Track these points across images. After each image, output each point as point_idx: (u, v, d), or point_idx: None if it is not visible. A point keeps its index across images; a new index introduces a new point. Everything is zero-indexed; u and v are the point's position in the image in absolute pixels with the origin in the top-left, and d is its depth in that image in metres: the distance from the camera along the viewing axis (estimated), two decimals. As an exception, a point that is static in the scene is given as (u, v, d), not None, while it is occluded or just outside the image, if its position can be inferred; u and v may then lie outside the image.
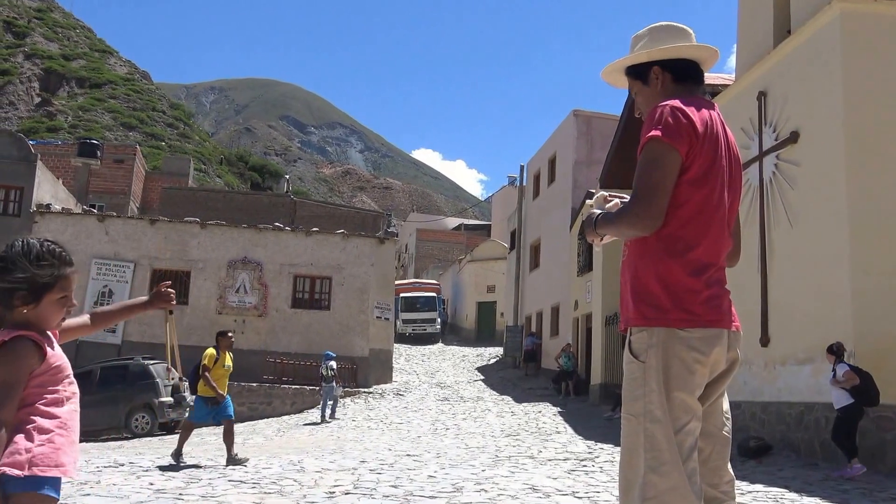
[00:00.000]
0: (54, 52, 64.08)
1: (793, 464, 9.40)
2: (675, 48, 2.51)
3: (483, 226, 57.96)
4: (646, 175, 2.28)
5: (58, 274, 2.01)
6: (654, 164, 2.28)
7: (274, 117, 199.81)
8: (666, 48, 2.51)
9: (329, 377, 17.53)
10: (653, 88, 2.52)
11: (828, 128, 9.88)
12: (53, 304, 2.02)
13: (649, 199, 2.26)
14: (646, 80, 2.54)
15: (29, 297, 1.97)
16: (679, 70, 2.51)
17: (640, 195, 2.28)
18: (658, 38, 2.53)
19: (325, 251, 24.12)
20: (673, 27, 2.57)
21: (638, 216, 2.27)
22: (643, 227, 2.29)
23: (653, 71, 2.52)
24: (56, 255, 2.02)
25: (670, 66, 2.51)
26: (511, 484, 6.96)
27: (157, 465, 8.52)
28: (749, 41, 12.41)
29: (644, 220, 2.27)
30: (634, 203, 2.29)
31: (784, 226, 10.68)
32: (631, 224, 2.30)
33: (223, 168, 68.45)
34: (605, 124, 23.88)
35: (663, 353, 2.27)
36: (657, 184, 2.27)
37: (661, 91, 2.50)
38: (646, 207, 2.26)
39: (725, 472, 2.43)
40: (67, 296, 2.04)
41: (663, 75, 2.51)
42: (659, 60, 2.51)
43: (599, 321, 19.54)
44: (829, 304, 9.59)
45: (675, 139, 2.28)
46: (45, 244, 2.03)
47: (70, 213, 24.39)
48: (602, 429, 13.92)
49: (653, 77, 2.52)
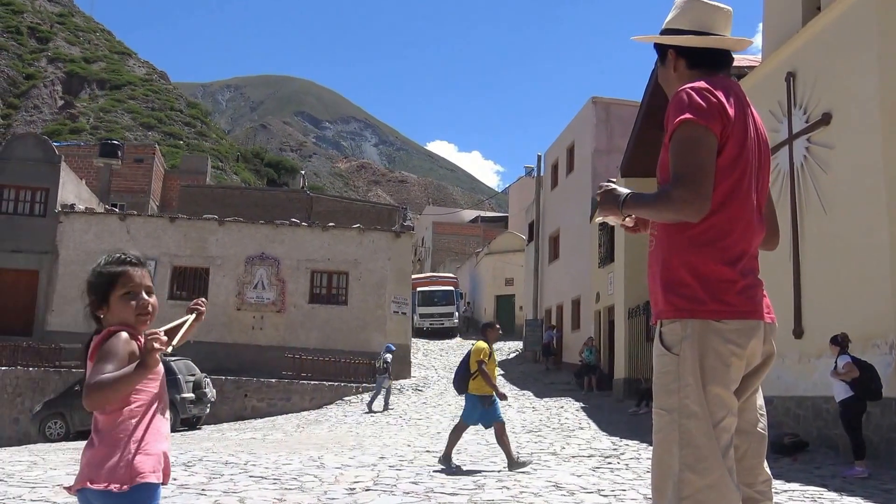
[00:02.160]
0: (76, 55, 65.57)
1: (831, 461, 9.10)
2: (695, 39, 2.42)
3: (500, 218, 57.61)
4: (689, 156, 2.17)
5: (114, 272, 2.16)
6: (695, 145, 2.19)
7: (289, 113, 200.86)
8: (687, 37, 2.43)
9: (383, 369, 18.24)
10: (668, 69, 2.49)
11: (863, 108, 9.50)
12: (120, 301, 2.14)
13: (698, 181, 2.14)
14: (663, 59, 2.51)
15: (98, 301, 2.15)
16: (696, 57, 2.44)
17: (686, 178, 2.15)
18: (687, 15, 2.44)
19: (342, 246, 24.06)
20: (708, 5, 2.45)
21: (687, 201, 2.14)
22: (693, 213, 2.16)
23: (669, 53, 2.48)
24: (115, 258, 2.20)
25: (686, 53, 2.44)
26: (533, 481, 6.86)
27: (180, 460, 8.39)
28: (776, 19, 12.02)
29: (693, 205, 2.14)
30: (681, 186, 2.15)
31: (817, 212, 10.32)
32: (678, 209, 2.16)
33: (240, 165, 69.05)
34: (625, 111, 23.46)
35: (699, 345, 2.19)
36: (703, 165, 2.17)
37: (678, 74, 2.46)
38: (695, 191, 2.14)
39: (761, 471, 2.35)
40: (131, 291, 2.15)
41: (677, 61, 2.46)
42: (675, 45, 2.46)
43: (622, 314, 19.21)
44: (866, 294, 9.23)
45: (710, 121, 2.20)
46: (112, 254, 2.22)
47: (93, 213, 24.83)
48: (627, 425, 13.66)
49: (669, 58, 2.48)
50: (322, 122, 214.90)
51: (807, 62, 10.85)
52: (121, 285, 2.15)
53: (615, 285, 20.03)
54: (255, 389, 20.79)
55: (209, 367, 20.25)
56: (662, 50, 2.50)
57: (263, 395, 20.66)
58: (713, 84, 2.28)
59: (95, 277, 2.17)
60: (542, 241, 29.64)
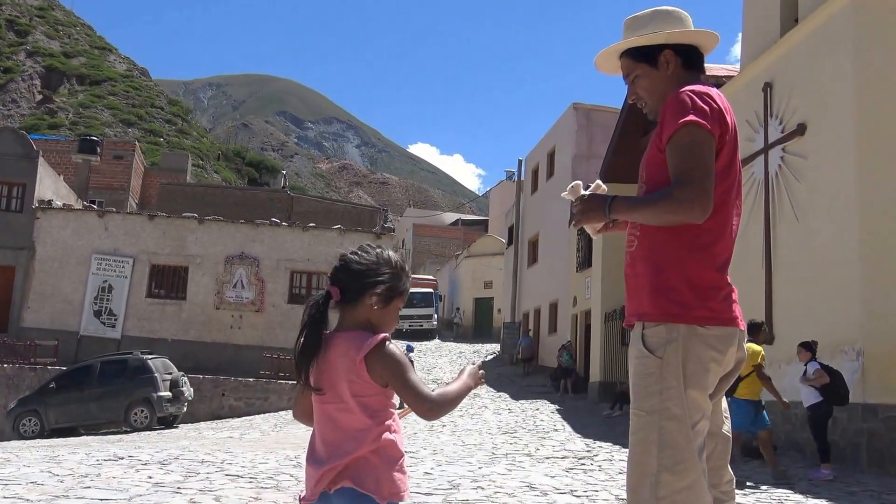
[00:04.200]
0: (55, 49, 64.81)
1: (799, 464, 9.26)
2: (689, 33, 2.44)
3: (480, 221, 57.80)
4: (694, 158, 2.17)
5: (407, 285, 2.08)
6: (699, 147, 2.18)
7: (271, 113, 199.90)
8: (683, 31, 2.43)
9: None
10: (662, 72, 2.43)
11: (837, 120, 9.70)
12: (395, 312, 2.06)
13: (702, 182, 2.15)
14: (654, 63, 2.43)
15: (384, 295, 2.02)
16: (688, 56, 2.44)
17: (690, 179, 2.14)
18: (667, 22, 2.44)
19: (322, 247, 24.04)
20: (678, 12, 2.48)
21: (692, 202, 2.13)
22: (696, 214, 2.15)
23: (664, 54, 2.42)
24: (406, 268, 2.11)
25: (682, 52, 2.43)
26: (508, 482, 6.90)
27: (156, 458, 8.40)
28: (755, 30, 12.24)
29: (697, 206, 2.14)
30: (684, 187, 2.14)
31: (790, 221, 10.52)
32: (685, 210, 2.15)
33: (221, 164, 68.61)
34: (606, 117, 23.67)
35: (683, 349, 2.20)
36: (707, 167, 2.17)
37: (671, 76, 2.41)
38: (699, 192, 2.13)
39: (726, 472, 2.40)
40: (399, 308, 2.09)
41: (675, 59, 2.42)
42: (672, 44, 2.43)
43: (599, 318, 19.39)
44: (837, 302, 9.42)
45: (712, 125, 2.22)
46: (400, 256, 2.12)
47: (71, 209, 24.60)
48: (601, 427, 13.81)
49: (663, 60, 2.42)
50: (304, 123, 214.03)
51: (783, 73, 11.05)
52: (402, 299, 2.08)
53: (592, 290, 20.22)
54: (232, 388, 20.72)
55: (187, 365, 20.17)
56: (653, 54, 2.43)
57: (241, 394, 20.61)
58: (711, 90, 2.30)
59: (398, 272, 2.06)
60: (522, 245, 29.80)
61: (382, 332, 1.97)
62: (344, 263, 2.05)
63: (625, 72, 2.51)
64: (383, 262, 2.05)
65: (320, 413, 2.00)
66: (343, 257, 2.07)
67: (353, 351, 1.93)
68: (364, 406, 1.94)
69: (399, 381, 1.93)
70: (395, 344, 1.97)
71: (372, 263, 2.03)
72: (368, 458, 1.92)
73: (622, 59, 2.51)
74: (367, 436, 1.93)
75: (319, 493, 1.95)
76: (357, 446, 1.92)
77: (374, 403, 1.95)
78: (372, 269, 2.02)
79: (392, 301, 2.03)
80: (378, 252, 2.07)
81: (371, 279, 2.01)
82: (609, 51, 2.53)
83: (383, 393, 1.96)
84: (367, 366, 1.92)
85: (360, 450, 1.92)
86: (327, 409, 1.98)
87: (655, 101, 2.44)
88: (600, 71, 2.62)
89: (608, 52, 2.53)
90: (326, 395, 1.97)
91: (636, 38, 2.45)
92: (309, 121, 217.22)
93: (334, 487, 1.91)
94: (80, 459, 7.49)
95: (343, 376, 1.94)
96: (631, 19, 2.51)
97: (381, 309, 2.01)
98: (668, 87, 2.39)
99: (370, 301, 2.00)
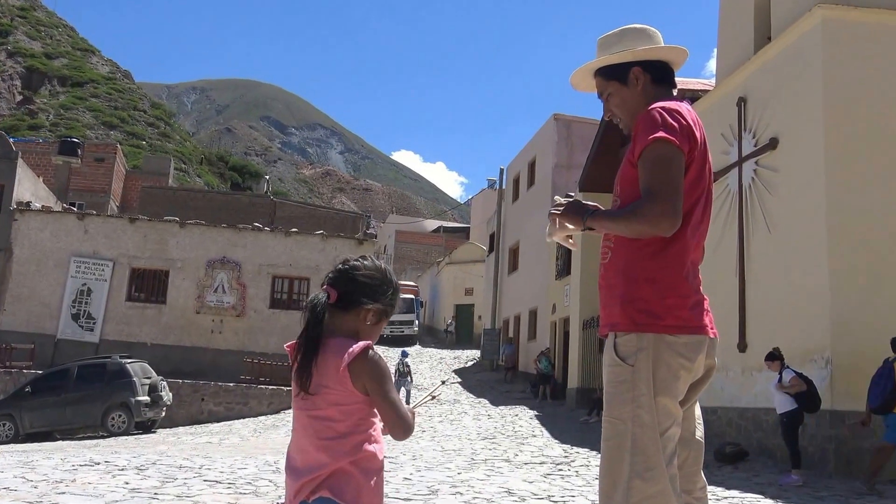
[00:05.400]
0: (37, 50, 64.10)
1: (769, 470, 9.43)
2: (656, 49, 2.50)
3: (462, 228, 57.92)
4: (663, 174, 2.24)
5: (395, 302, 2.09)
6: (669, 163, 2.25)
7: (255, 118, 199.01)
8: (650, 48, 2.49)
9: (404, 372, 19.63)
10: (632, 89, 2.49)
11: (807, 134, 9.95)
12: (381, 328, 2.09)
13: (672, 197, 2.21)
14: (624, 80, 2.50)
15: (380, 313, 2.05)
16: (658, 71, 2.50)
17: (661, 194, 2.21)
18: (636, 40, 2.51)
19: (304, 252, 24.02)
20: (647, 29, 2.55)
21: (659, 215, 2.20)
22: (666, 227, 2.22)
23: (633, 72, 2.48)
24: (399, 289, 2.12)
25: (651, 68, 2.49)
26: (487, 487, 6.93)
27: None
28: (729, 47, 12.51)
29: (665, 220, 2.21)
30: (655, 201, 2.21)
31: (762, 231, 10.75)
32: (653, 223, 2.21)
33: (203, 168, 68.17)
34: (585, 128, 23.96)
35: (653, 357, 2.25)
36: (676, 183, 2.24)
37: (642, 92, 2.48)
38: (670, 206, 2.21)
39: (699, 478, 2.43)
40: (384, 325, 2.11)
41: (644, 76, 2.48)
42: (641, 61, 2.49)
43: (577, 325, 19.58)
44: (806, 310, 9.65)
45: (681, 141, 2.27)
46: (392, 273, 2.12)
47: (50, 211, 24.36)
48: (578, 433, 13.95)
49: (633, 77, 2.49)
50: (288, 128, 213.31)
51: (757, 88, 11.30)
52: (388, 317, 2.08)
53: (571, 297, 20.42)
54: (212, 393, 20.62)
55: (166, 370, 20.06)
56: (623, 71, 2.49)
57: (221, 399, 20.50)
58: (680, 106, 2.35)
59: (395, 293, 2.07)
60: (502, 253, 29.97)
61: (365, 341, 1.97)
62: (351, 271, 2.02)
63: (598, 90, 2.59)
64: (387, 281, 2.05)
65: (300, 420, 1.98)
66: (350, 264, 2.05)
67: (338, 358, 1.91)
68: (346, 414, 1.93)
69: (379, 391, 1.93)
70: (379, 352, 2.00)
71: (378, 280, 2.03)
72: (347, 469, 1.91)
73: (595, 77, 2.58)
74: (346, 445, 1.91)
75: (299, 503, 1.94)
76: (336, 456, 1.90)
77: (355, 412, 1.94)
78: (377, 286, 2.02)
79: (382, 319, 2.06)
80: (385, 269, 2.07)
81: (374, 295, 2.01)
82: (582, 70, 2.60)
83: (365, 402, 1.94)
84: (351, 374, 1.91)
85: (340, 460, 1.90)
86: (308, 417, 1.96)
87: (628, 117, 2.50)
88: (577, 90, 2.70)
89: (581, 71, 2.61)
90: (308, 401, 1.95)
91: (604, 58, 2.53)
92: (293, 126, 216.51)
93: (313, 497, 1.90)
94: (54, 465, 7.41)
95: (326, 383, 1.93)
96: (603, 38, 2.58)
97: (372, 324, 2.03)
98: (640, 103, 2.44)
99: (365, 315, 2.01)
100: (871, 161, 9.56)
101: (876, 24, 9.89)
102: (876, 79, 9.75)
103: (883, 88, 9.74)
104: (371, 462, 1.94)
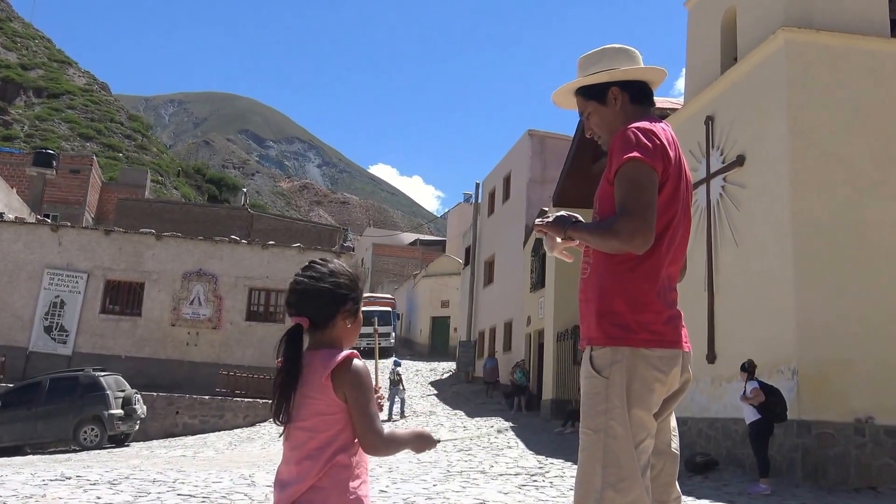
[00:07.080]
0: (12, 61, 63.34)
1: (739, 479, 9.58)
2: (634, 70, 2.55)
3: (438, 242, 58.00)
4: (637, 193, 2.29)
5: (361, 291, 2.07)
6: (642, 183, 2.30)
7: (233, 131, 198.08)
8: (627, 69, 2.54)
9: (396, 381, 19.86)
10: (610, 108, 2.54)
11: (773, 152, 10.23)
12: (360, 320, 2.06)
13: (645, 216, 2.26)
14: (603, 100, 2.55)
15: (353, 311, 2.03)
16: (636, 91, 2.56)
17: (634, 213, 2.26)
18: (615, 59, 2.57)
19: (281, 265, 23.99)
20: (626, 49, 2.61)
21: (632, 233, 2.24)
22: (640, 244, 2.26)
23: (611, 91, 2.54)
24: (357, 274, 2.09)
25: (628, 87, 2.55)
26: (462, 499, 6.96)
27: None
28: (697, 67, 12.82)
29: (637, 237, 2.24)
30: (629, 220, 2.25)
31: (730, 246, 11.00)
32: (626, 240, 2.25)
33: (180, 180, 67.65)
34: (559, 144, 24.31)
35: (627, 370, 2.29)
36: (649, 202, 2.28)
37: (620, 111, 2.53)
38: (639, 224, 2.24)
39: (674, 489, 2.46)
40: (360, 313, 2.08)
41: (622, 95, 2.54)
42: (618, 81, 2.55)
43: (551, 337, 19.76)
44: (773, 322, 9.87)
45: (654, 160, 2.32)
46: (351, 266, 2.09)
47: (23, 223, 24.14)
48: (553, 444, 14.04)
49: (611, 97, 2.54)
50: (266, 141, 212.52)
51: (724, 107, 11.58)
52: (359, 311, 2.05)
53: (545, 309, 20.60)
54: (187, 406, 20.47)
55: (141, 383, 19.91)
56: (602, 90, 2.55)
57: (196, 411, 20.35)
58: (655, 126, 2.40)
59: (355, 288, 2.04)
60: (478, 266, 30.16)
61: (347, 347, 1.99)
62: (303, 290, 1.99)
63: (579, 109, 2.66)
64: (342, 277, 2.02)
65: (287, 432, 1.99)
66: (299, 283, 2.01)
67: (322, 369, 1.93)
68: (328, 425, 1.94)
69: (359, 401, 1.93)
70: (364, 362, 2.00)
71: (334, 283, 2.00)
72: (324, 484, 1.91)
73: (576, 96, 2.65)
74: (326, 458, 1.91)
75: None
76: (314, 468, 1.91)
77: (336, 423, 1.95)
78: (336, 289, 2.00)
79: (358, 313, 2.05)
80: (331, 268, 2.04)
81: (340, 300, 2.00)
82: (563, 90, 2.67)
83: (345, 411, 1.95)
84: (333, 381, 1.92)
85: (318, 473, 1.91)
86: (293, 428, 1.97)
87: (608, 135, 2.54)
88: (560, 108, 2.79)
89: (562, 90, 2.68)
90: (293, 413, 1.96)
91: (582, 79, 2.60)
92: (271, 140, 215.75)
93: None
94: (24, 479, 7.30)
95: (308, 394, 1.94)
96: (583, 58, 2.64)
97: (351, 325, 2.03)
98: (618, 122, 2.49)
99: (342, 322, 2.01)
100: (835, 177, 9.85)
101: (839, 47, 10.22)
102: (840, 98, 10.07)
103: (846, 108, 10.07)
104: (346, 473, 1.94)
